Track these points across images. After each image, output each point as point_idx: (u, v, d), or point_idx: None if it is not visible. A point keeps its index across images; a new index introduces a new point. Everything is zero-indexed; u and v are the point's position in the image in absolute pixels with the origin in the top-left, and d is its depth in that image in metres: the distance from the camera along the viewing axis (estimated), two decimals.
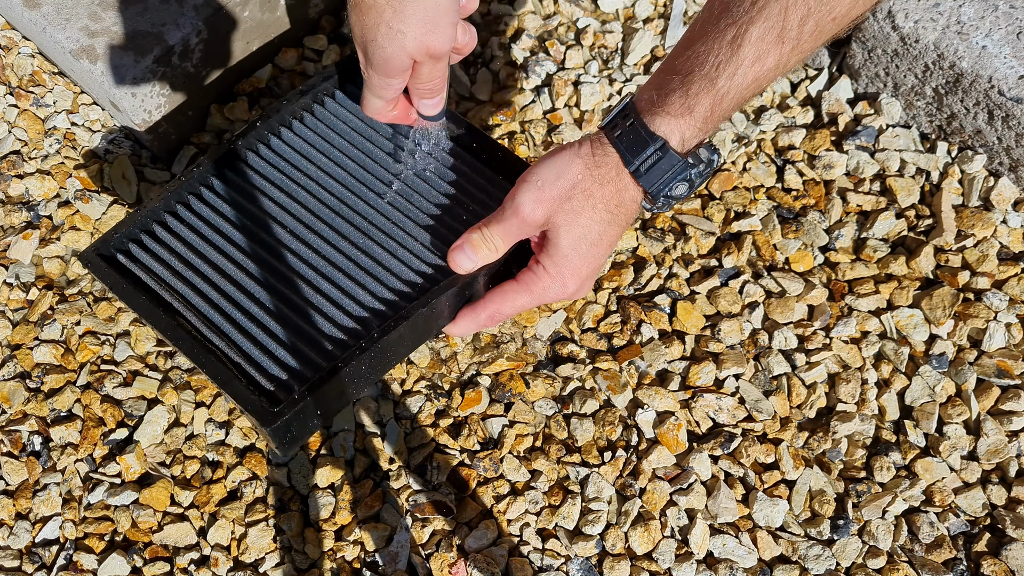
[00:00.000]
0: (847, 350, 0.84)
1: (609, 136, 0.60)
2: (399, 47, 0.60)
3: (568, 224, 0.61)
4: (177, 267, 0.68)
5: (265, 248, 0.69)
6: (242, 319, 0.66)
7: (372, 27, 0.59)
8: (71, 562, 0.81)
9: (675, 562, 0.78)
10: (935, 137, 0.93)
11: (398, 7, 0.58)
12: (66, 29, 0.96)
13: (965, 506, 0.78)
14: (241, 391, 0.61)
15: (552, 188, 0.60)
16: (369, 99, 0.66)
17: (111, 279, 0.67)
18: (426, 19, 0.59)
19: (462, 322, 0.67)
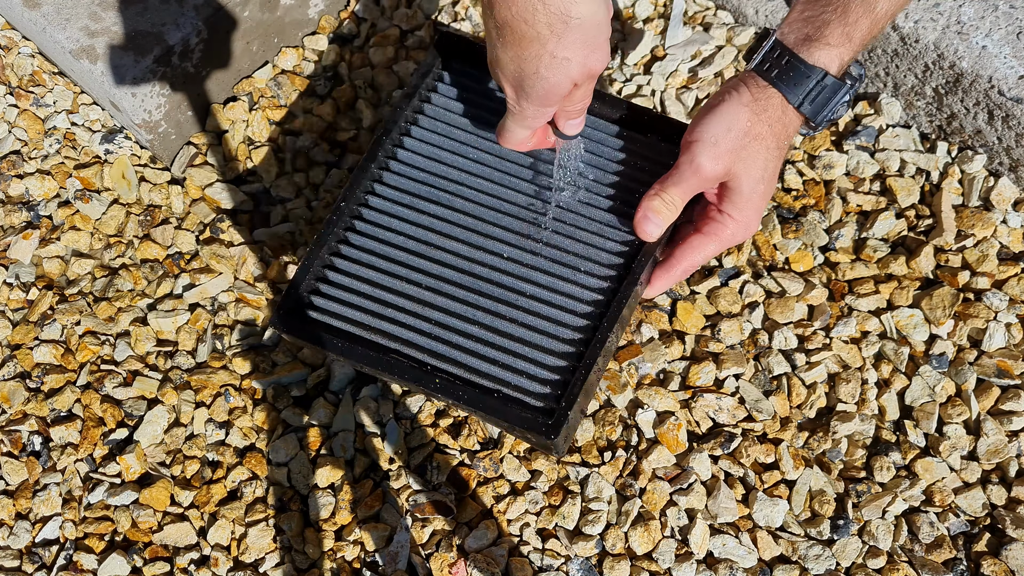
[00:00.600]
0: (847, 350, 0.84)
1: (766, 77, 0.64)
2: (564, 75, 0.57)
3: (747, 170, 0.64)
4: (372, 307, 0.68)
5: (452, 267, 0.69)
6: (469, 344, 0.67)
7: (533, 59, 0.56)
8: (71, 562, 0.81)
9: (675, 562, 0.78)
10: (935, 137, 0.93)
11: (562, 33, 0.55)
12: (66, 29, 0.96)
13: (965, 506, 0.78)
14: (514, 415, 0.64)
15: (726, 141, 0.63)
16: (514, 131, 0.63)
17: (318, 339, 0.67)
18: (588, 41, 0.56)
19: (658, 283, 0.70)
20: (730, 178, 0.65)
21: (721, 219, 0.67)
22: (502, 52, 0.57)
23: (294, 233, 0.95)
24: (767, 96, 0.64)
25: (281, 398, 0.87)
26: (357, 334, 0.68)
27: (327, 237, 0.70)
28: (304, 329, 0.67)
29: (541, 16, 0.54)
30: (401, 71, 1.03)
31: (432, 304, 0.68)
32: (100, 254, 0.95)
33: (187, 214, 0.97)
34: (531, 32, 0.55)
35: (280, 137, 0.99)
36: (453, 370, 0.66)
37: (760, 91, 0.64)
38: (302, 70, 1.04)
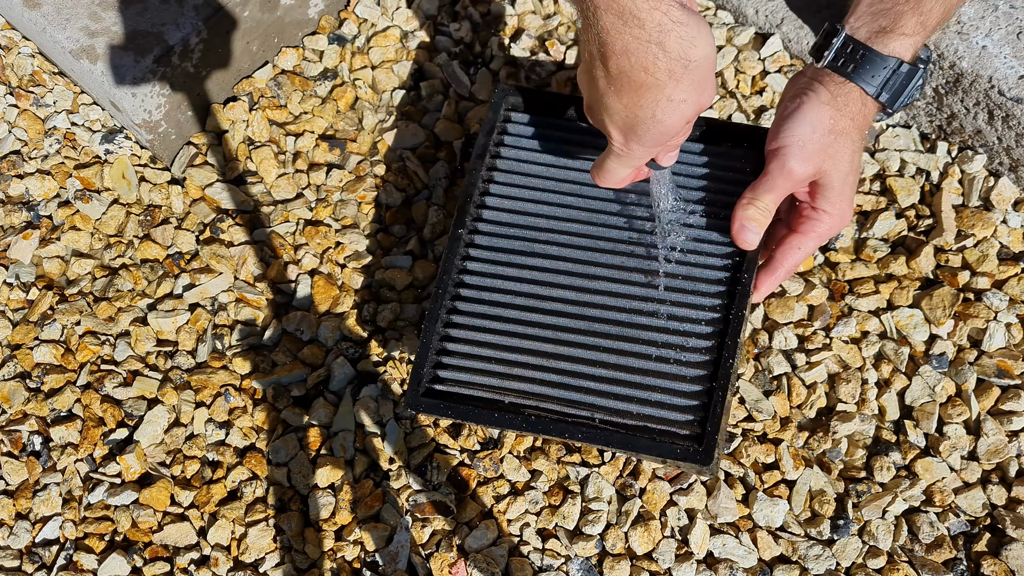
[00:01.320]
0: (847, 350, 0.84)
1: (842, 72, 0.65)
2: (681, 116, 0.57)
3: (836, 166, 0.66)
4: (499, 369, 0.70)
5: (564, 314, 0.71)
6: (601, 386, 0.69)
7: (650, 104, 0.56)
8: (71, 562, 0.81)
9: (675, 562, 0.78)
10: (935, 137, 0.93)
11: (680, 76, 0.55)
12: (66, 29, 0.96)
13: (965, 506, 0.78)
14: (667, 449, 0.66)
15: (813, 142, 0.65)
16: (617, 172, 0.63)
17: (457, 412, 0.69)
18: (702, 80, 0.56)
19: (763, 287, 0.72)
20: (820, 176, 0.66)
21: (816, 215, 0.69)
22: (613, 100, 0.57)
23: (294, 234, 0.95)
24: (846, 91, 0.65)
25: (281, 398, 0.87)
26: (492, 399, 0.70)
27: (437, 311, 0.72)
28: (440, 406, 0.70)
29: (662, 63, 0.54)
30: (401, 71, 1.03)
31: (555, 354, 0.70)
32: (100, 254, 0.95)
33: (187, 214, 0.97)
34: (650, 80, 0.55)
35: (280, 137, 0.99)
36: (595, 415, 0.68)
37: (837, 87, 0.66)
38: (302, 70, 1.04)
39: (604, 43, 0.54)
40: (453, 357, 0.71)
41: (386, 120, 1.00)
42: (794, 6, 0.97)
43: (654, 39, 0.53)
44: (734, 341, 0.67)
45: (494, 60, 1.02)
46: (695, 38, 0.54)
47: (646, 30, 0.53)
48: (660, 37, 0.53)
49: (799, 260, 0.71)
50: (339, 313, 0.90)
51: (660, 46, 0.53)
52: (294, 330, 0.90)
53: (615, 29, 0.53)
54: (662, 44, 0.53)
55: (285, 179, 0.98)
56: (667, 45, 0.53)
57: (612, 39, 0.53)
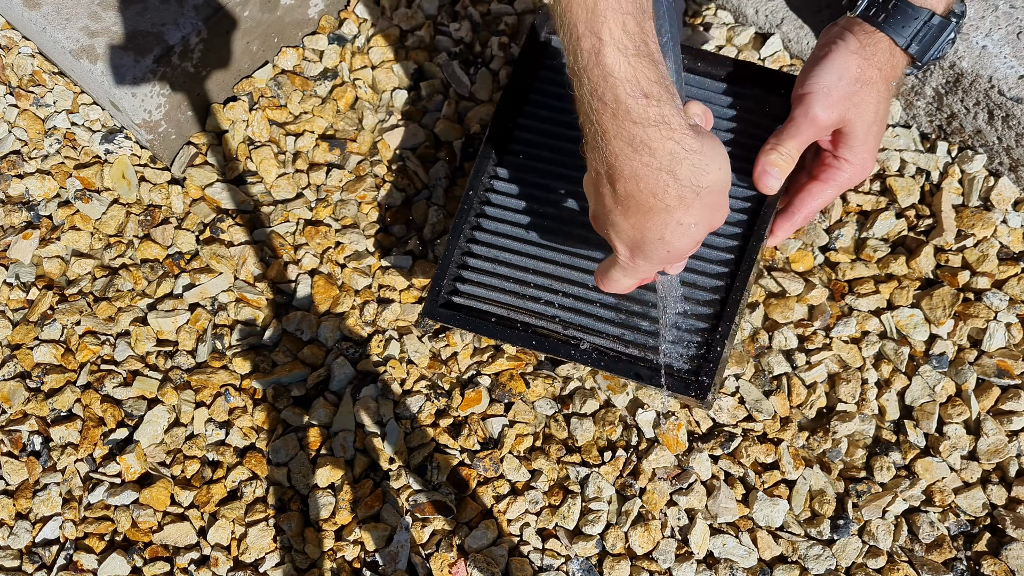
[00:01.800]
0: (847, 350, 0.84)
1: (872, 22, 0.65)
2: (689, 240, 0.56)
3: (860, 115, 0.66)
4: (514, 288, 0.73)
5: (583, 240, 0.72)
6: (611, 314, 0.70)
7: (658, 227, 0.55)
8: (71, 562, 0.81)
9: (675, 562, 0.78)
10: (935, 137, 0.93)
11: (691, 202, 0.54)
12: (66, 29, 0.96)
13: (965, 506, 0.78)
14: (667, 380, 0.68)
15: (839, 90, 0.65)
16: (621, 281, 0.62)
17: (469, 324, 0.73)
18: (714, 204, 0.56)
19: (780, 232, 0.72)
20: (844, 124, 0.67)
21: (837, 164, 0.69)
22: (620, 219, 0.56)
23: (294, 234, 0.95)
24: (875, 41, 0.66)
25: (281, 398, 0.87)
26: (504, 316, 0.73)
27: (461, 227, 0.75)
28: (455, 317, 0.73)
29: (672, 190, 0.53)
30: (401, 71, 1.03)
31: (569, 279, 0.72)
32: (100, 254, 0.95)
33: (187, 214, 0.97)
34: (659, 205, 0.54)
35: (280, 137, 0.99)
36: (600, 342, 0.70)
37: (867, 36, 0.66)
38: (302, 70, 1.04)
39: (612, 167, 0.53)
40: (472, 272, 0.74)
41: (386, 120, 1.00)
42: (794, 6, 0.97)
43: (665, 167, 0.52)
44: (743, 280, 0.68)
45: (494, 60, 1.02)
46: (708, 165, 0.53)
47: (657, 158, 0.52)
48: (671, 166, 0.52)
49: (816, 208, 0.71)
50: (339, 313, 0.90)
51: (671, 174, 0.52)
52: (294, 330, 0.90)
53: (624, 155, 0.52)
54: (673, 172, 0.52)
55: (285, 179, 0.98)
56: (678, 173, 0.52)
57: (621, 164, 0.52)
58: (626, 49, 0.50)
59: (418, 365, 0.87)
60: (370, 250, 0.94)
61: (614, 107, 0.51)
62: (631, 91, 0.50)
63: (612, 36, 0.49)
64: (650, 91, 0.50)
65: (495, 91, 1.00)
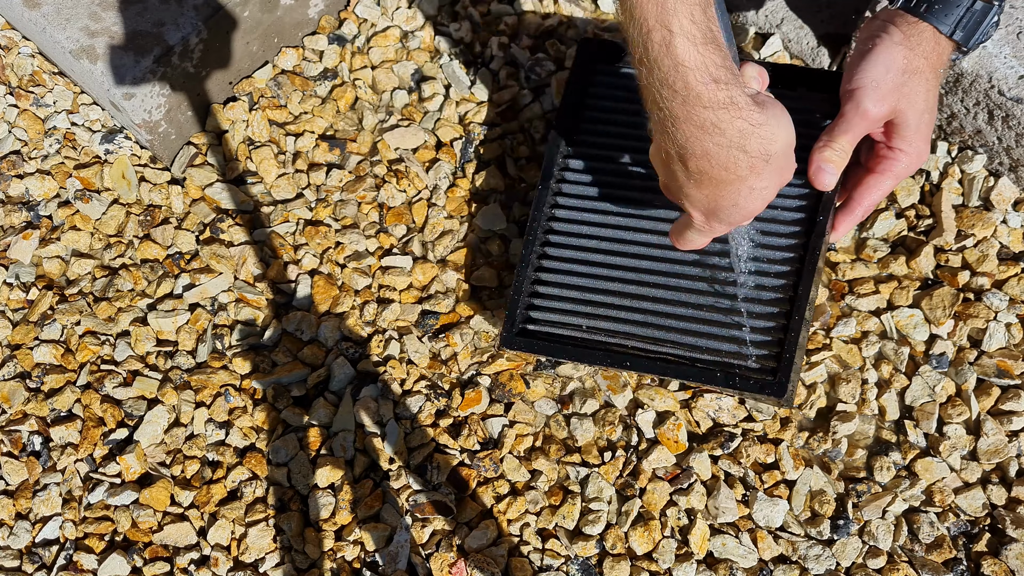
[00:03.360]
0: (847, 350, 0.84)
1: (915, 12, 0.66)
2: (762, 201, 0.59)
3: (911, 105, 0.66)
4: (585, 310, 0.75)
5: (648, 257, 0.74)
6: (684, 324, 0.72)
7: (731, 195, 0.58)
8: (71, 562, 0.81)
9: (675, 562, 0.78)
10: (935, 137, 0.92)
11: (760, 169, 0.56)
12: (66, 29, 0.96)
13: (965, 506, 0.78)
14: (744, 383, 0.69)
15: (887, 82, 0.66)
16: (696, 241, 0.65)
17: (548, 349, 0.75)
18: (783, 166, 0.58)
19: (842, 227, 0.72)
20: (896, 115, 0.67)
21: (892, 155, 0.69)
22: (694, 191, 0.58)
23: (294, 234, 0.95)
24: (919, 31, 0.66)
25: (281, 398, 0.87)
26: (580, 336, 0.75)
27: (528, 256, 0.77)
28: (531, 343, 0.76)
29: (743, 162, 0.55)
30: (401, 71, 1.03)
31: (638, 295, 0.74)
32: (100, 254, 0.95)
33: (187, 214, 0.97)
34: (731, 177, 0.56)
35: (280, 137, 0.99)
36: (676, 352, 0.72)
37: (911, 27, 0.66)
38: (302, 70, 1.04)
39: (683, 147, 0.55)
40: (543, 299, 0.76)
41: (386, 120, 1.00)
42: (794, 6, 0.97)
43: (735, 144, 0.54)
44: (808, 278, 0.69)
45: (494, 60, 1.02)
46: (774, 133, 0.55)
47: (727, 137, 0.54)
48: (741, 142, 0.54)
49: (876, 200, 0.72)
50: (339, 313, 0.90)
51: (741, 149, 0.55)
52: (294, 330, 0.90)
53: (695, 137, 0.54)
54: (743, 148, 0.55)
55: (285, 179, 0.98)
56: (748, 147, 0.55)
57: (692, 145, 0.55)
58: (695, 39, 0.52)
59: (418, 365, 0.87)
60: (370, 250, 0.94)
61: (684, 94, 0.53)
62: (701, 78, 0.52)
63: (682, 28, 0.51)
64: (718, 76, 0.53)
65: (495, 91, 1.00)
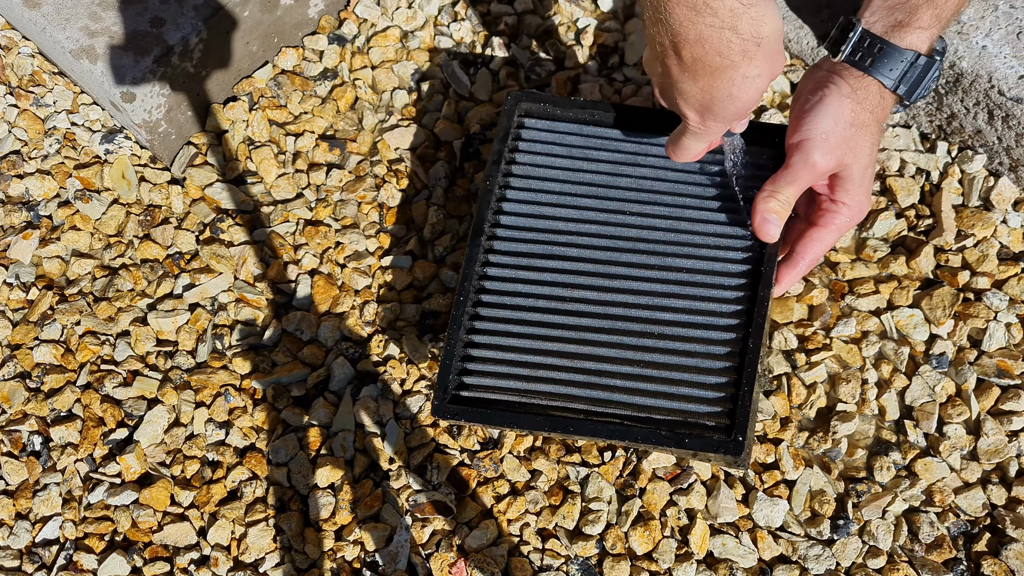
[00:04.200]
0: (847, 350, 0.84)
1: (859, 66, 0.66)
2: (756, 91, 0.59)
3: (856, 159, 0.67)
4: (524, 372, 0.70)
5: (587, 314, 0.71)
6: (629, 383, 0.69)
7: (725, 85, 0.58)
8: (71, 562, 0.81)
9: (675, 562, 0.78)
10: (935, 137, 0.93)
11: (753, 54, 0.57)
12: (66, 29, 0.96)
13: (965, 506, 0.78)
14: (698, 443, 0.66)
15: (835, 135, 0.66)
16: (694, 147, 0.66)
17: (484, 417, 0.70)
18: (773, 53, 0.58)
19: (785, 280, 0.72)
20: (842, 168, 0.67)
21: (835, 208, 0.70)
22: (688, 85, 0.59)
23: (294, 234, 0.95)
24: (865, 85, 0.67)
25: (281, 398, 0.87)
26: (519, 402, 0.70)
27: (460, 317, 0.72)
28: (466, 411, 0.70)
29: (735, 45, 0.56)
30: (401, 71, 1.03)
31: (579, 354, 0.70)
32: (100, 254, 0.95)
33: (187, 214, 0.97)
34: (725, 62, 0.57)
35: (280, 137, 0.99)
36: (623, 413, 0.68)
37: (857, 81, 0.67)
38: (302, 70, 1.04)
39: (677, 33, 0.56)
40: (477, 363, 0.71)
41: (386, 120, 1.00)
42: (794, 6, 0.97)
43: (727, 24, 0.55)
44: (758, 331, 0.68)
45: (494, 60, 1.02)
46: (764, 15, 0.56)
47: (719, 17, 0.54)
48: (733, 22, 0.54)
49: (820, 253, 0.72)
50: (339, 313, 0.90)
51: (733, 30, 0.55)
52: (294, 330, 0.90)
53: (688, 20, 0.55)
54: (735, 28, 0.55)
55: (285, 179, 0.98)
56: (740, 28, 0.55)
57: (686, 29, 0.55)
58: None
59: (418, 365, 0.87)
60: (370, 250, 0.94)
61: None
62: None
63: None
64: None
65: (495, 91, 1.00)
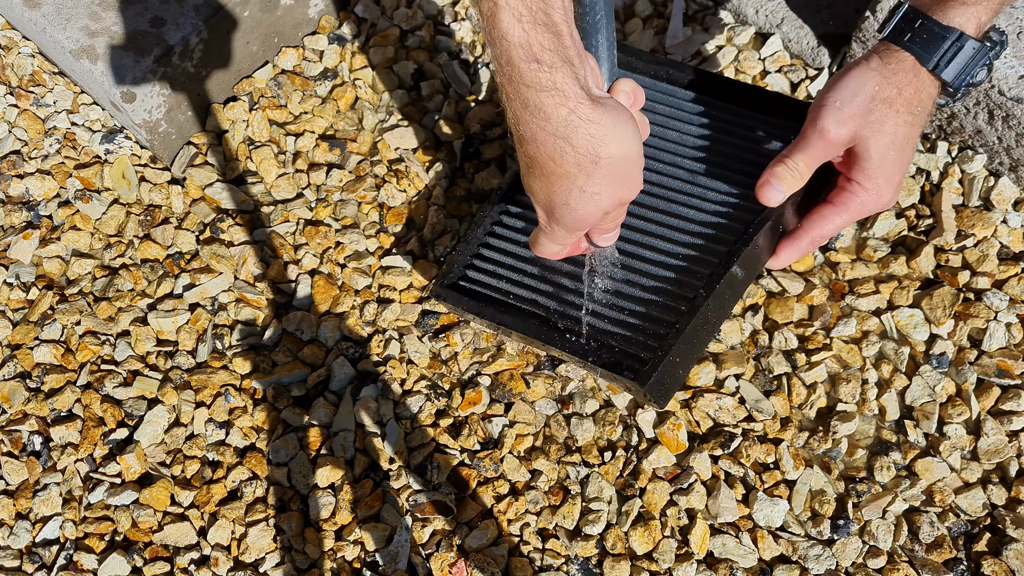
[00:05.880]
0: (847, 350, 0.84)
1: (898, 42, 0.62)
2: (595, 207, 0.57)
3: (875, 135, 0.63)
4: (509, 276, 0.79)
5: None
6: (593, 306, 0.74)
7: (563, 192, 0.56)
8: (71, 562, 0.81)
9: (675, 562, 0.78)
10: (935, 137, 0.93)
11: (591, 172, 0.55)
12: (66, 29, 0.96)
13: (965, 506, 0.78)
14: (612, 364, 0.69)
15: (852, 106, 0.62)
16: (546, 245, 0.64)
17: (463, 304, 0.79)
18: (618, 176, 0.56)
19: (784, 253, 0.70)
20: (857, 143, 0.64)
21: (850, 188, 0.66)
22: (532, 181, 0.57)
23: (294, 234, 0.95)
24: (898, 59, 0.62)
25: (281, 398, 0.87)
26: (498, 299, 0.79)
27: (481, 224, 0.83)
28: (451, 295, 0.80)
29: (570, 157, 0.54)
30: (401, 71, 1.03)
31: (563, 271, 0.76)
32: (100, 254, 0.95)
33: (187, 214, 0.97)
34: (560, 170, 0.55)
35: (280, 137, 0.99)
36: (574, 328, 0.73)
37: (891, 56, 0.62)
38: (302, 70, 1.04)
39: (517, 129, 0.54)
40: (476, 271, 0.81)
41: (386, 120, 1.00)
42: (794, 6, 0.97)
43: (560, 134, 0.53)
44: (715, 282, 0.68)
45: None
46: (606, 136, 0.53)
47: (552, 123, 0.52)
48: (566, 132, 0.52)
49: (826, 233, 0.68)
50: (339, 313, 0.90)
51: (567, 141, 0.53)
52: (294, 330, 0.90)
53: (522, 118, 0.53)
54: (568, 139, 0.53)
55: (285, 179, 0.98)
56: (574, 141, 0.53)
57: (522, 127, 0.53)
58: (521, 16, 0.51)
59: (418, 365, 0.87)
60: (370, 250, 0.94)
61: (509, 70, 0.52)
62: (523, 56, 0.51)
63: (508, 2, 0.50)
64: (542, 57, 0.51)
65: (495, 91, 1.00)
